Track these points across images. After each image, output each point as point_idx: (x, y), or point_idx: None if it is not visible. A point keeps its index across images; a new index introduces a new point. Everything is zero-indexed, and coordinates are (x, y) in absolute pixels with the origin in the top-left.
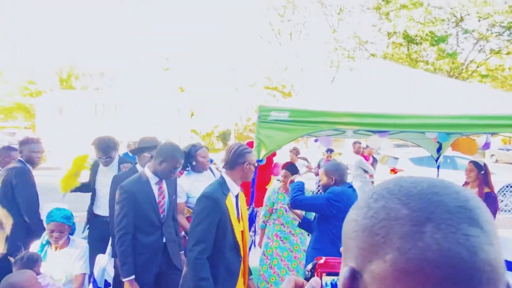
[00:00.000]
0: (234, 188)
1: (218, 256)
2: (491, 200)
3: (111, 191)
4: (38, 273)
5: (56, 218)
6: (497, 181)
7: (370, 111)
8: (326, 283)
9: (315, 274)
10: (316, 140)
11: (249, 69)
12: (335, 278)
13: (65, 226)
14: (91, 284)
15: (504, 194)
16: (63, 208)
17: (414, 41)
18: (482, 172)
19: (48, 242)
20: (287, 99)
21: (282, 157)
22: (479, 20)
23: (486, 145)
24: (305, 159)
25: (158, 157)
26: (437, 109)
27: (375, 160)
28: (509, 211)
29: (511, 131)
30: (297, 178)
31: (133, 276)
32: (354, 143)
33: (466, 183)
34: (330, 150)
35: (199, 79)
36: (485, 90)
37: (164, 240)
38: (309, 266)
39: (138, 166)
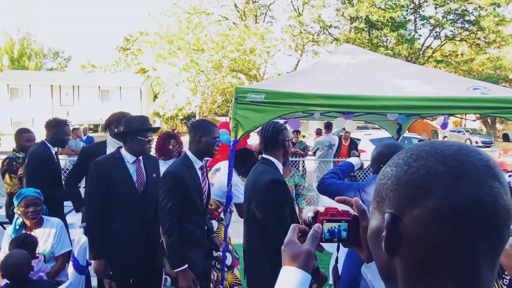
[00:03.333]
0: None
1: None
2: None
3: (80, 163)
4: (33, 256)
5: (28, 193)
6: None
7: (339, 93)
8: (328, 229)
9: (316, 221)
10: (285, 122)
11: (214, 51)
12: (334, 224)
13: (39, 200)
14: (71, 263)
15: None
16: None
17: (376, 27)
18: None
19: (21, 225)
20: (260, 82)
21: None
22: (435, 7)
23: (444, 125)
24: None
25: (194, 135)
26: (399, 91)
27: (353, 143)
28: None
29: (465, 112)
30: None
31: (186, 265)
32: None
33: None
34: (297, 132)
35: (162, 61)
36: (441, 73)
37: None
38: (310, 214)
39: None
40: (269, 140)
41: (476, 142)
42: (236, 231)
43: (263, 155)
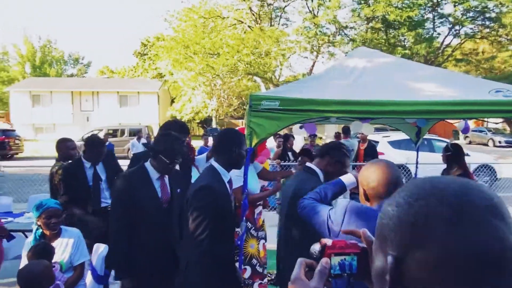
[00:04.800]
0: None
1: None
2: None
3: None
4: (51, 264)
5: (50, 204)
6: (472, 162)
7: (355, 98)
8: (335, 263)
9: (324, 255)
10: (301, 127)
11: (229, 55)
12: (343, 257)
13: (60, 211)
14: (89, 272)
15: (478, 174)
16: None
17: (393, 26)
18: (448, 153)
19: (41, 235)
20: (275, 88)
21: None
22: (454, 5)
23: (466, 129)
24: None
25: (225, 146)
26: (417, 95)
27: (371, 146)
28: None
29: (488, 116)
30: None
31: None
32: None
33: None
34: (313, 135)
35: (178, 65)
36: (461, 76)
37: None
38: (317, 247)
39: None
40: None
41: (500, 142)
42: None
43: (308, 164)
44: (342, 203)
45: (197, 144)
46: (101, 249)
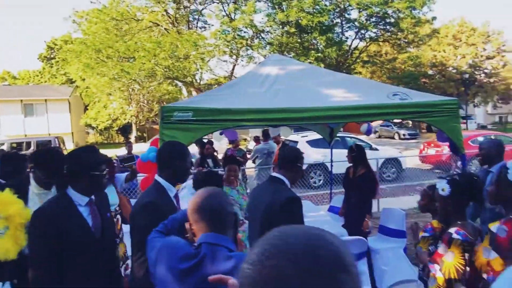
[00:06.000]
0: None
1: None
2: (366, 180)
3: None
4: None
5: None
6: (380, 156)
7: (269, 106)
8: None
9: None
10: (221, 133)
11: (146, 59)
12: None
13: None
14: None
15: (386, 166)
16: None
17: (305, 31)
18: (353, 153)
19: None
20: (190, 98)
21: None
22: (359, 11)
23: (369, 131)
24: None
25: (167, 160)
26: (325, 101)
27: (285, 145)
28: (390, 181)
29: (387, 118)
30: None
31: None
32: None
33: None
34: (234, 140)
35: (90, 70)
36: (364, 81)
37: None
38: None
39: None
40: (285, 160)
41: (404, 135)
42: None
43: (274, 174)
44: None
45: (122, 152)
46: None
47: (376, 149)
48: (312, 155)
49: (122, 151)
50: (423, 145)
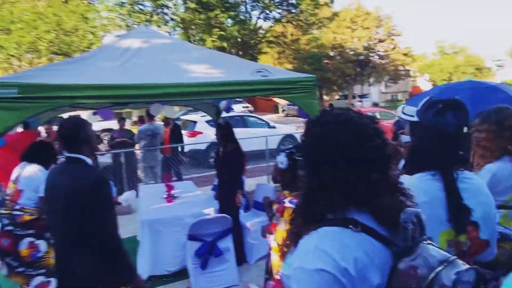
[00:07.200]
0: None
1: None
2: (235, 156)
3: None
4: None
5: None
6: (278, 133)
7: (118, 82)
8: None
9: None
10: (95, 113)
11: (24, 31)
12: None
13: None
14: None
15: (284, 143)
16: None
17: (208, 7)
18: (222, 131)
19: None
20: (14, 73)
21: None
22: None
23: (228, 109)
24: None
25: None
26: (186, 77)
27: (177, 127)
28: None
29: (249, 95)
30: None
31: None
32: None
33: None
34: (121, 119)
35: None
36: (231, 58)
37: None
38: None
39: None
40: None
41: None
42: None
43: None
44: None
45: None
46: None
47: (274, 127)
48: (211, 135)
49: None
50: None
